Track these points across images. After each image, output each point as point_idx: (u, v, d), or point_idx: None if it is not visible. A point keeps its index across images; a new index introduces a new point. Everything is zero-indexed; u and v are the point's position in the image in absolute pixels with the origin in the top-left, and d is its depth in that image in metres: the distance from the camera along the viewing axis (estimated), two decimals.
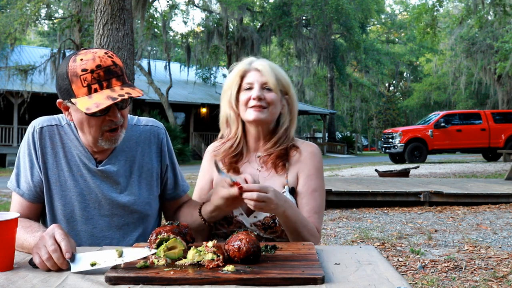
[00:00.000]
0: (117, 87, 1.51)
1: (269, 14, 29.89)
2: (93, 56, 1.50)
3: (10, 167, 20.90)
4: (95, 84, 1.48)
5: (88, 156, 1.67)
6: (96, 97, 1.47)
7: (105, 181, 1.68)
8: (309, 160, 1.84)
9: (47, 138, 1.67)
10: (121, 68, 1.55)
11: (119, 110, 1.57)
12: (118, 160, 1.70)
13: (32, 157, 1.65)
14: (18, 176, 1.67)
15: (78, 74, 1.49)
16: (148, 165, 1.75)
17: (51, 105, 20.65)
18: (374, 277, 1.17)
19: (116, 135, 1.60)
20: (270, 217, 1.76)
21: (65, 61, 1.55)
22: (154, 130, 1.80)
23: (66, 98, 1.55)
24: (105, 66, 1.50)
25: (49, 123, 1.69)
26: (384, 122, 50.08)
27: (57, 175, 1.66)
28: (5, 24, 20.14)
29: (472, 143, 18.61)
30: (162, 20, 25.13)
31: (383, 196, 7.02)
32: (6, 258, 1.28)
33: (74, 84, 1.50)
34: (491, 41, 25.44)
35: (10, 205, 1.68)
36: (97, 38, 7.41)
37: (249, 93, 1.79)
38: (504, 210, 6.52)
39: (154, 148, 1.78)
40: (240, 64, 1.85)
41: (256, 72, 1.82)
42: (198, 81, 31.96)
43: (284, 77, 1.85)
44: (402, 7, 52.45)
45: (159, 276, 1.14)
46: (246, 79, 1.82)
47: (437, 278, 3.44)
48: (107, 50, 1.57)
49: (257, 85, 1.79)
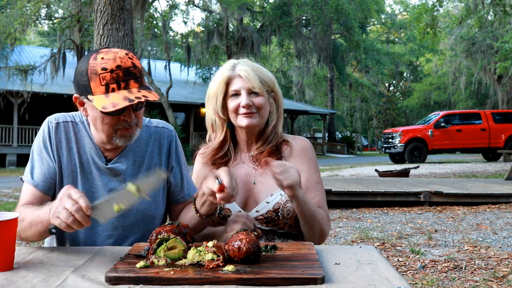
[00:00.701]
0: (135, 88, 1.52)
1: (269, 14, 29.90)
2: (114, 56, 1.52)
3: (10, 167, 20.89)
4: (113, 83, 1.50)
5: (99, 153, 1.69)
6: (113, 97, 1.49)
7: (112, 179, 1.69)
8: (304, 154, 1.89)
9: (62, 133, 1.70)
10: (140, 70, 1.57)
11: (134, 111, 1.59)
12: (127, 159, 1.72)
13: (48, 150, 1.68)
14: (32, 169, 1.68)
15: (98, 72, 1.50)
16: (156, 167, 1.76)
17: (51, 105, 20.64)
18: (374, 277, 1.17)
19: (131, 132, 1.61)
20: (273, 211, 1.78)
21: (86, 57, 1.57)
22: (164, 132, 1.81)
23: (83, 94, 1.57)
24: (125, 67, 1.51)
25: (64, 119, 1.72)
26: (384, 122, 50.09)
27: (70, 170, 1.69)
28: (5, 24, 20.14)
29: (472, 143, 18.61)
30: (162, 20, 25.14)
31: (383, 196, 7.02)
32: (6, 258, 1.28)
33: (93, 81, 1.51)
34: (491, 41, 25.44)
35: (10, 205, 1.68)
36: (97, 38, 7.41)
37: (237, 100, 1.81)
38: (504, 210, 6.52)
39: (163, 149, 1.79)
40: (223, 70, 1.85)
41: (240, 78, 1.82)
42: (198, 81, 31.98)
43: (267, 76, 1.86)
44: (402, 7, 52.47)
45: (159, 276, 1.14)
46: (231, 86, 1.83)
47: (437, 278, 3.43)
48: (128, 51, 1.58)
49: (244, 91, 1.81)
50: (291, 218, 1.81)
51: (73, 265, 1.30)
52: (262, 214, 1.79)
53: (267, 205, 1.80)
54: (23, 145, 22.18)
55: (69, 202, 1.29)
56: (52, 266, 1.30)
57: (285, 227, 1.82)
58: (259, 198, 1.83)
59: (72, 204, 1.28)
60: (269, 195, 1.81)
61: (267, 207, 1.79)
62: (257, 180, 1.86)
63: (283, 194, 1.79)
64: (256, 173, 1.87)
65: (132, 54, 1.59)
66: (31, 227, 1.47)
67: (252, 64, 1.86)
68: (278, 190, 1.80)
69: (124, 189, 1.34)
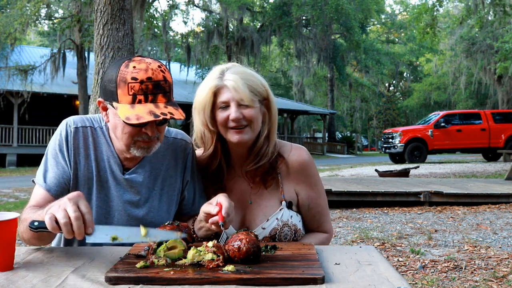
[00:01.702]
0: (162, 103, 1.48)
1: (269, 14, 29.91)
2: (147, 66, 1.48)
3: (10, 167, 20.89)
4: (141, 95, 1.46)
5: (117, 161, 1.65)
6: (139, 109, 1.45)
7: (128, 191, 1.66)
8: (302, 172, 1.77)
9: (81, 139, 1.65)
10: (170, 85, 1.53)
11: (157, 126, 1.55)
12: (144, 171, 1.68)
13: (64, 155, 1.63)
14: (45, 172, 1.62)
15: (127, 81, 1.47)
16: (171, 179, 1.72)
17: (51, 105, 20.61)
18: (374, 277, 1.17)
19: (150, 145, 1.57)
20: (269, 237, 1.72)
21: (117, 63, 1.52)
22: (182, 144, 1.77)
23: (108, 99, 1.53)
24: (155, 79, 1.47)
25: (83, 124, 1.67)
26: (384, 122, 50.09)
27: (86, 177, 1.64)
28: (5, 24, 20.14)
29: (472, 143, 18.61)
30: (162, 20, 25.14)
31: (383, 196, 7.02)
32: (6, 258, 1.28)
33: (121, 89, 1.48)
34: (491, 41, 25.45)
35: (10, 205, 1.67)
36: (97, 38, 7.41)
37: (226, 112, 1.65)
38: (504, 210, 6.52)
39: (179, 162, 1.74)
40: (210, 79, 1.68)
41: (229, 89, 1.64)
42: (198, 81, 31.93)
43: (258, 84, 1.68)
44: (402, 7, 52.47)
45: (159, 276, 1.14)
46: (220, 97, 1.65)
47: (437, 278, 3.43)
48: (161, 64, 1.54)
49: (233, 103, 1.64)
50: (290, 240, 1.75)
51: (73, 265, 1.30)
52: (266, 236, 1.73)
53: (263, 231, 1.71)
54: (23, 145, 22.19)
55: (73, 207, 1.23)
56: (52, 266, 1.30)
57: None
58: (254, 222, 1.73)
59: (75, 211, 1.23)
60: (264, 220, 1.72)
61: (263, 233, 1.70)
62: (253, 199, 1.76)
63: (279, 218, 1.72)
64: (251, 192, 1.76)
65: (165, 67, 1.54)
66: None
67: (242, 71, 1.68)
68: (274, 214, 1.72)
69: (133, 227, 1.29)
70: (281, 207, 1.74)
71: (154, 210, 1.68)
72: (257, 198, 1.75)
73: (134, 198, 1.66)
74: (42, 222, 1.26)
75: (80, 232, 1.22)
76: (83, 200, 1.28)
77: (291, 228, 1.74)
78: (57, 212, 1.23)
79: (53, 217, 1.23)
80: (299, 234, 1.77)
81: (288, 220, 1.73)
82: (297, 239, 1.77)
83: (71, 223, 1.22)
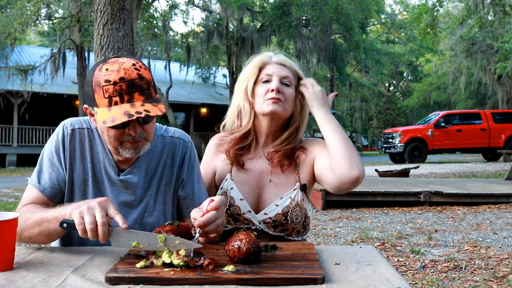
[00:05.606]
0: (139, 102, 1.46)
1: (269, 14, 29.88)
2: (119, 67, 1.46)
3: (10, 167, 20.89)
4: (116, 96, 1.45)
5: (112, 163, 1.65)
6: (114, 111, 1.44)
7: (123, 192, 1.65)
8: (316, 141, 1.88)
9: (77, 141, 1.65)
10: (148, 81, 1.49)
11: (142, 125, 1.54)
12: (140, 171, 1.67)
13: (60, 157, 1.63)
14: (40, 173, 1.62)
15: (101, 84, 1.45)
16: (167, 179, 1.71)
17: (51, 105, 20.63)
18: (374, 277, 1.17)
19: (137, 146, 1.55)
20: (282, 214, 1.75)
21: (93, 68, 1.52)
22: (179, 142, 1.75)
23: (90, 105, 1.54)
24: (128, 79, 1.45)
25: (81, 126, 1.67)
26: (384, 122, 50.09)
27: (82, 179, 1.64)
28: (5, 24, 20.12)
29: (472, 143, 18.61)
30: (162, 20, 25.12)
31: (383, 196, 7.02)
32: (6, 258, 1.28)
33: (97, 93, 1.47)
34: (491, 41, 25.44)
35: (10, 205, 1.67)
36: (97, 38, 7.41)
37: (267, 86, 1.78)
38: (504, 210, 6.52)
39: (176, 161, 1.73)
40: (259, 56, 1.84)
41: (276, 65, 1.81)
42: (198, 81, 31.97)
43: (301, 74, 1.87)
44: (402, 7, 52.46)
45: (159, 276, 1.14)
46: (264, 70, 1.80)
47: (437, 278, 3.43)
48: (137, 61, 1.52)
49: (276, 78, 1.78)
50: (300, 224, 1.78)
51: (73, 265, 1.30)
52: (270, 217, 1.75)
53: (276, 208, 1.75)
54: (23, 145, 22.19)
55: (101, 213, 1.27)
56: (52, 266, 1.30)
57: (292, 233, 1.78)
58: (269, 200, 1.78)
59: (103, 217, 1.27)
60: (278, 198, 1.77)
61: (276, 210, 1.75)
62: (272, 178, 1.81)
63: (293, 197, 1.76)
64: (271, 171, 1.82)
65: (141, 64, 1.51)
66: (40, 224, 1.43)
67: (289, 57, 1.87)
68: (287, 193, 1.77)
69: (150, 233, 1.29)
70: (295, 187, 1.78)
71: (149, 210, 1.68)
72: (274, 177, 1.81)
73: (129, 199, 1.65)
74: (71, 224, 1.32)
75: (105, 237, 1.27)
76: (113, 206, 1.32)
77: (302, 210, 1.78)
78: (86, 216, 1.28)
79: (83, 221, 1.28)
80: (307, 221, 1.82)
81: (300, 202, 1.77)
82: (306, 224, 1.81)
83: (97, 228, 1.27)
